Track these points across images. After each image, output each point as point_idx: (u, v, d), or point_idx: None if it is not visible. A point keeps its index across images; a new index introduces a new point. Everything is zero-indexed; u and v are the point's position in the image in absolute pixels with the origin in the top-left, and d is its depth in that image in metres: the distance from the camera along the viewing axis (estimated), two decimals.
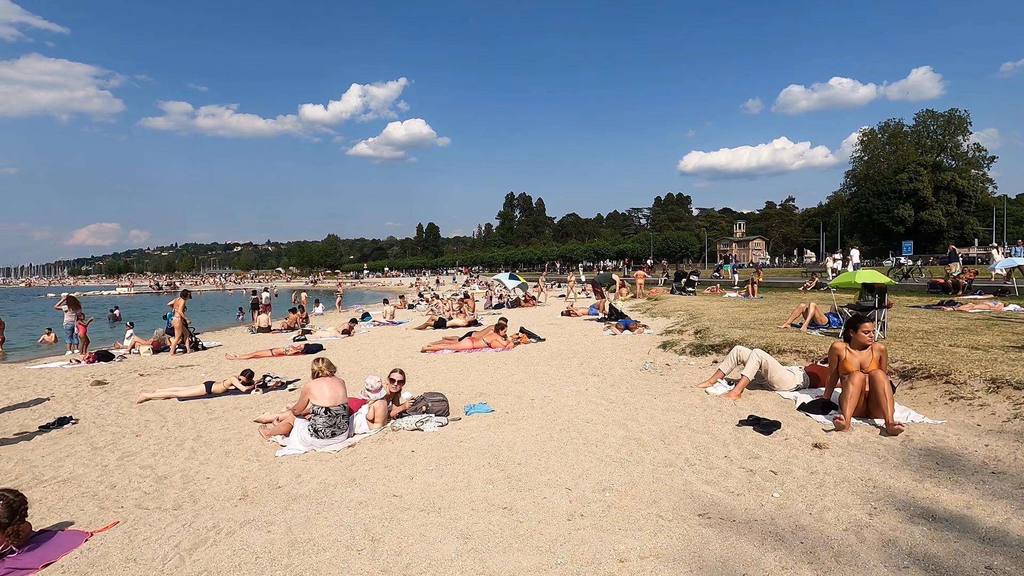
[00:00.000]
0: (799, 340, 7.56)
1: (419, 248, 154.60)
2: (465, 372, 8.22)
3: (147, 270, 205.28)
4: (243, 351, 13.29)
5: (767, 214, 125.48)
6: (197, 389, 8.24)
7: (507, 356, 9.54)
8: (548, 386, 6.72)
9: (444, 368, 8.75)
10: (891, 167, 78.37)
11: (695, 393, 5.78)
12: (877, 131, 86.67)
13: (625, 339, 10.74)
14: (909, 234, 74.30)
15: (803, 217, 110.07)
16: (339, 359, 10.90)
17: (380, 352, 11.40)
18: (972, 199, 73.90)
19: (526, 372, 7.83)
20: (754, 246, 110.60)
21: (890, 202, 73.62)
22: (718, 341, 8.27)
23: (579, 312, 17.14)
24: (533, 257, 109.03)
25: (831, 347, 4.85)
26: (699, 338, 9.02)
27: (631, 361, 8.20)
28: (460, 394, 6.67)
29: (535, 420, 5.14)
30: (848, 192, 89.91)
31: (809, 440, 4.05)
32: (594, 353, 9.19)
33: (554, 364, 8.36)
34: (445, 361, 9.51)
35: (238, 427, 5.94)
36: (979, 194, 75.73)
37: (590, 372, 7.47)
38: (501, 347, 10.34)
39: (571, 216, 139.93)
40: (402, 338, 14.11)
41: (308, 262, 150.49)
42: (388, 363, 9.86)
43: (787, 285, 27.89)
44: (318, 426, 4.75)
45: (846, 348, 4.74)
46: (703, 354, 8.09)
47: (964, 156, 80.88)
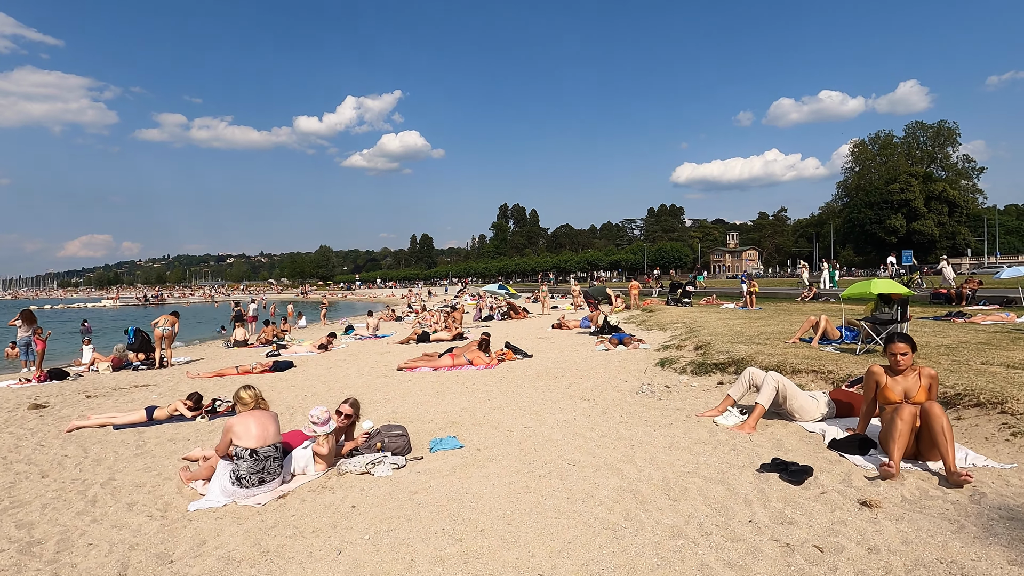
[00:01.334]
0: (814, 358, 6.72)
1: (413, 259, 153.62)
2: (440, 395, 7.31)
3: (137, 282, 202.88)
4: (208, 368, 12.33)
5: (760, 224, 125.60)
6: (137, 415, 7.29)
7: (489, 375, 8.64)
8: (531, 414, 5.83)
9: (418, 389, 7.84)
10: (882, 178, 78.56)
11: (701, 424, 4.91)
12: (868, 142, 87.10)
13: (619, 355, 9.87)
14: (902, 244, 74.29)
15: (795, 227, 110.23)
16: (307, 378, 9.98)
17: (353, 370, 10.47)
18: (963, 209, 74.12)
19: (507, 395, 6.94)
20: (747, 256, 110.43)
21: (882, 212, 73.70)
22: (722, 359, 7.42)
23: (571, 325, 16.27)
24: (527, 268, 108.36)
25: (868, 371, 4.01)
26: (701, 355, 8.16)
27: (626, 382, 7.32)
28: (429, 423, 5.77)
29: (511, 460, 4.25)
30: (840, 203, 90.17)
31: (852, 493, 3.19)
32: (585, 372, 8.31)
33: (540, 385, 7.47)
34: (421, 381, 8.60)
35: (162, 466, 5.01)
36: (970, 204, 75.99)
37: (580, 396, 6.59)
38: (483, 364, 9.44)
39: (565, 227, 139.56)
40: (381, 353, 13.18)
41: (300, 274, 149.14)
42: (359, 383, 8.94)
43: (784, 296, 27.18)
44: (241, 472, 3.84)
45: (886, 373, 3.90)
46: (706, 373, 7.22)
47: (954, 167, 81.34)
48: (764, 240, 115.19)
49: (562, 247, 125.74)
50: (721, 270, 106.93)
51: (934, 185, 73.03)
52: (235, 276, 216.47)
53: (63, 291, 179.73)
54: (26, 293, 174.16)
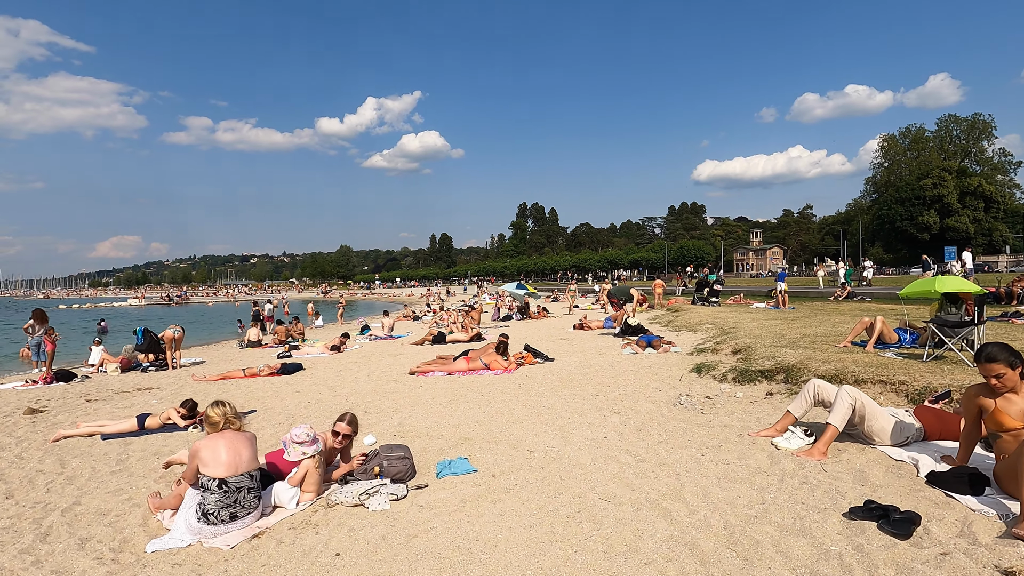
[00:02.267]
0: (878, 366, 5.86)
1: (432, 259, 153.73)
2: (453, 404, 6.63)
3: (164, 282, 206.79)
4: (214, 371, 11.87)
5: (784, 222, 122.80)
6: (127, 424, 6.75)
7: (507, 381, 7.93)
8: (554, 429, 5.11)
9: (429, 397, 7.17)
10: (913, 173, 76.01)
11: (758, 447, 4.13)
12: (898, 137, 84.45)
13: (648, 359, 9.08)
14: (934, 241, 71.71)
15: (821, 225, 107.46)
16: (314, 382, 9.39)
17: (363, 374, 9.86)
18: (1000, 205, 71.25)
19: (527, 405, 6.22)
20: (772, 255, 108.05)
21: (914, 209, 71.18)
22: (768, 365, 6.59)
23: (593, 325, 15.48)
24: (546, 267, 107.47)
25: (968, 392, 3.22)
26: (742, 360, 7.34)
27: (659, 391, 6.55)
28: (438, 439, 5.09)
29: (532, 491, 3.54)
30: (868, 199, 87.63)
31: (984, 556, 2.41)
32: (612, 378, 7.55)
33: (563, 394, 6.74)
34: (433, 387, 7.93)
35: (136, 487, 4.42)
36: (1007, 200, 73.07)
37: (609, 407, 5.84)
38: (501, 369, 8.73)
39: (584, 226, 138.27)
40: (394, 355, 12.57)
41: (321, 273, 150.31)
42: (368, 388, 8.31)
43: (816, 295, 26.01)
44: (208, 506, 3.20)
45: (991, 392, 3.11)
46: (751, 382, 6.41)
47: (989, 161, 78.54)
48: (789, 238, 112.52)
49: (582, 246, 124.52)
50: (745, 268, 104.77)
51: (969, 180, 70.30)
52: (258, 276, 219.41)
53: (93, 291, 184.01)
54: (58, 293, 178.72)
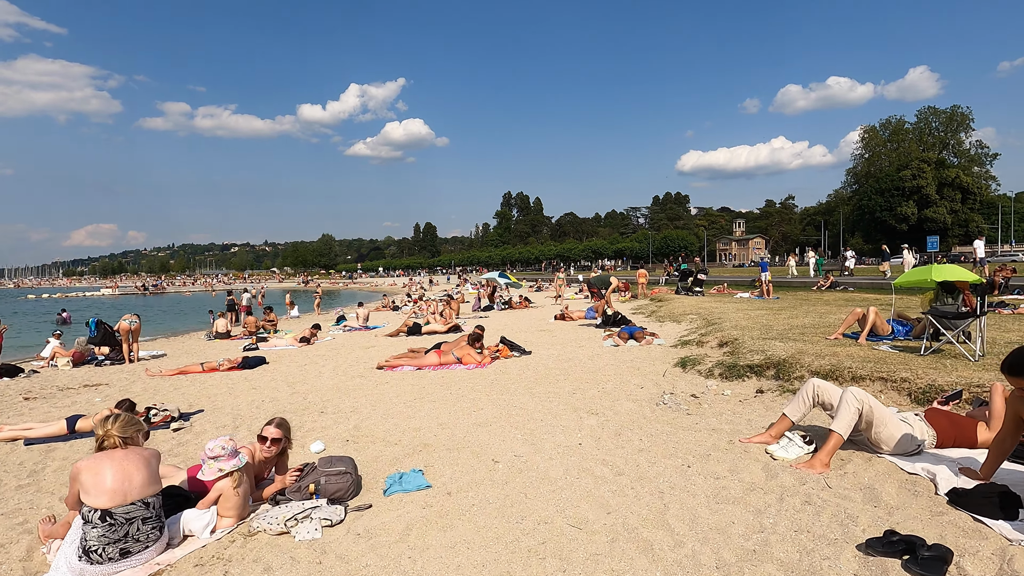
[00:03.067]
0: (876, 361, 5.43)
1: (416, 248, 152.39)
2: (417, 402, 6.07)
3: (142, 271, 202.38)
4: (172, 365, 11.18)
5: (767, 212, 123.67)
6: (56, 427, 6.09)
7: (479, 377, 7.39)
8: (524, 433, 4.58)
9: (393, 394, 6.61)
10: (893, 164, 76.75)
11: (750, 455, 3.65)
12: (878, 128, 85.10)
13: (630, 352, 8.60)
14: (913, 231, 72.68)
15: (803, 215, 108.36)
16: (273, 377, 8.75)
17: (328, 368, 9.25)
18: (977, 196, 72.28)
19: (498, 405, 5.69)
20: (754, 244, 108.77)
21: (893, 199, 71.93)
22: (758, 360, 6.14)
23: (574, 316, 14.99)
24: (530, 256, 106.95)
25: (1005, 397, 2.76)
26: (729, 354, 6.88)
27: (641, 388, 6.05)
28: (394, 445, 4.54)
29: (490, 515, 3.01)
30: (849, 190, 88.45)
31: None
32: (591, 373, 7.05)
33: (537, 392, 6.21)
34: (400, 383, 7.36)
35: (40, 505, 3.81)
36: (983, 191, 74.13)
37: (586, 407, 5.33)
38: (474, 364, 8.18)
39: (569, 215, 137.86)
40: (365, 348, 11.96)
41: (303, 262, 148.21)
42: (329, 384, 7.71)
43: (799, 284, 25.85)
44: (91, 543, 2.61)
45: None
46: (739, 378, 5.95)
47: (966, 153, 79.53)
48: (771, 228, 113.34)
49: (566, 235, 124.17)
50: (728, 258, 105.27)
51: (947, 171, 71.17)
52: (238, 265, 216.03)
53: (67, 280, 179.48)
54: (30, 282, 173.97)
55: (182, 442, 5.29)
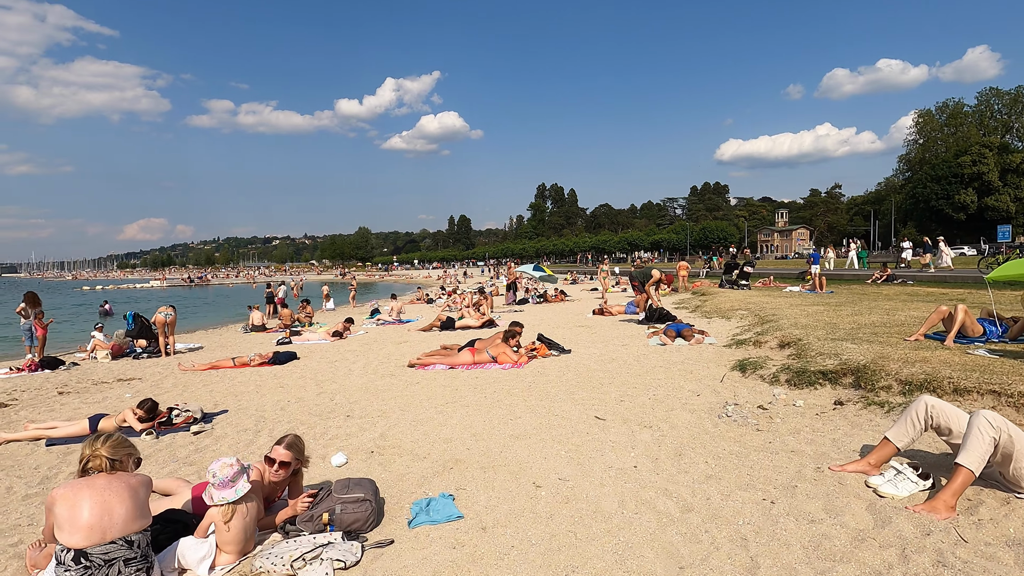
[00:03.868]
0: (982, 370, 4.62)
1: (451, 240, 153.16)
2: (449, 408, 5.59)
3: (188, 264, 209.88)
4: (206, 358, 11.08)
5: (811, 202, 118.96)
6: (79, 427, 5.87)
7: (515, 378, 6.87)
8: (568, 449, 4.04)
9: (424, 397, 6.15)
10: (951, 150, 72.49)
11: (847, 488, 3.01)
12: (934, 112, 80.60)
13: (680, 352, 7.93)
14: (971, 221, 68.61)
15: (850, 205, 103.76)
16: (303, 374, 8.42)
17: (359, 365, 8.89)
18: None
19: (537, 412, 5.15)
20: (798, 236, 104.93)
21: (950, 187, 67.89)
22: (832, 365, 5.41)
23: (614, 310, 14.32)
24: (564, 248, 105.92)
25: None
26: (795, 357, 6.16)
27: (698, 395, 5.42)
28: (423, 459, 4.06)
29: (533, 565, 2.46)
30: (901, 178, 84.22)
31: None
32: (639, 376, 6.43)
33: (581, 397, 5.65)
34: (432, 383, 6.91)
35: (40, 520, 3.49)
36: None
37: (637, 418, 4.74)
38: (510, 363, 7.66)
39: (604, 207, 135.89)
40: (397, 343, 11.61)
41: (340, 255, 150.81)
42: (358, 384, 7.32)
43: (851, 277, 24.41)
44: None
45: None
46: (810, 385, 5.25)
47: None
48: (816, 219, 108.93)
49: (601, 227, 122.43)
50: (769, 250, 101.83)
51: (1011, 157, 66.70)
52: (279, 258, 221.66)
53: (121, 272, 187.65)
54: (87, 274, 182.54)
55: (200, 447, 4.95)
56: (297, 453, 3.07)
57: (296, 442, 3.10)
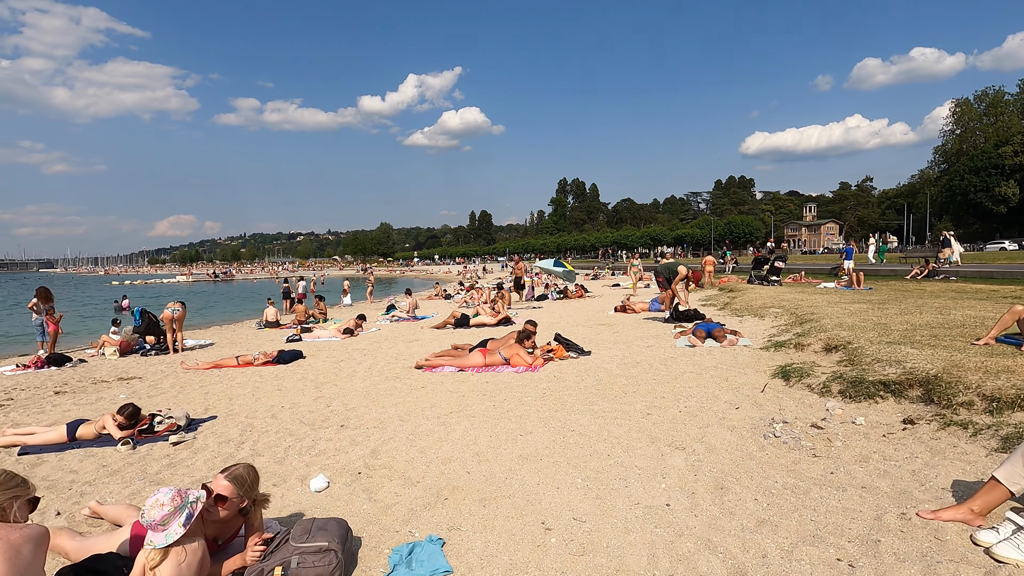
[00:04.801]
0: None
1: (472, 236, 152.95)
2: (453, 418, 4.99)
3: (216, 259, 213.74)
4: (215, 356, 10.73)
5: (841, 195, 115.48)
6: (56, 434, 5.43)
7: (529, 384, 6.24)
8: (586, 477, 3.40)
9: (427, 405, 5.56)
10: (990, 140, 69.39)
11: (948, 546, 2.33)
12: (972, 101, 77.28)
13: (711, 355, 7.20)
14: (1012, 214, 65.64)
15: (881, 198, 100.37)
16: (304, 375, 7.84)
17: (364, 366, 8.36)
18: None
19: (550, 427, 4.52)
20: (827, 230, 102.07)
21: (990, 179, 64.97)
22: (894, 374, 4.66)
23: (637, 308, 13.57)
24: (586, 244, 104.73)
25: None
26: (846, 363, 5.40)
27: (736, 408, 4.72)
28: (415, 485, 3.46)
29: None
30: (937, 170, 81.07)
31: None
32: (667, 384, 5.74)
33: (601, 408, 5.00)
34: (438, 388, 6.32)
35: None
36: None
37: (667, 437, 4.07)
38: (524, 366, 7.03)
39: (626, 201, 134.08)
40: (409, 341, 11.07)
41: (362, 250, 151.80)
42: (360, 388, 6.77)
43: (888, 273, 23.19)
44: None
45: None
46: (869, 398, 4.51)
47: None
48: (846, 212, 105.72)
49: (623, 222, 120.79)
50: (797, 245, 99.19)
51: None
52: (302, 253, 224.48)
53: (151, 268, 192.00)
54: (119, 270, 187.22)
55: (174, 462, 4.43)
56: (243, 489, 2.48)
57: (245, 475, 2.51)
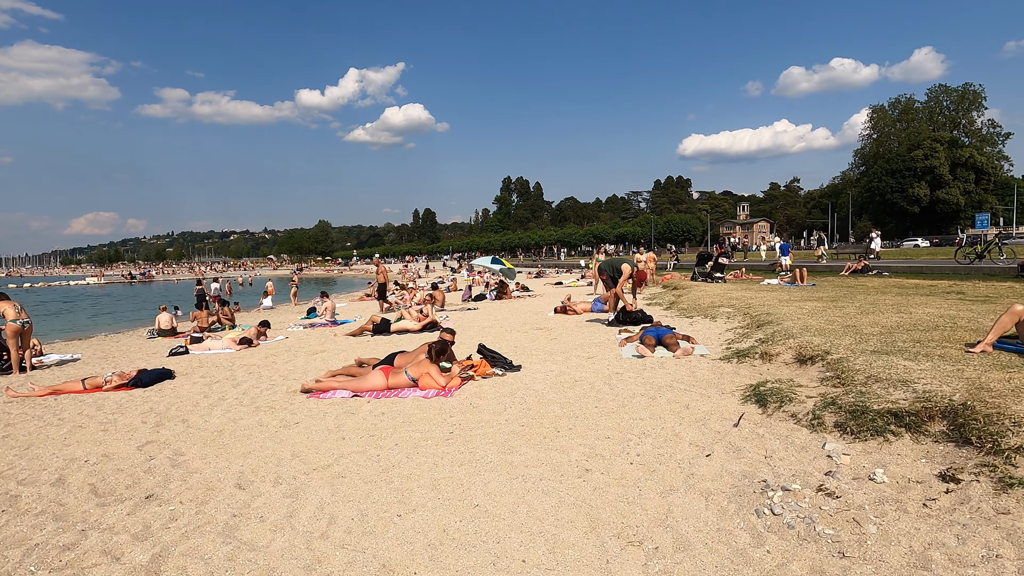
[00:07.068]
0: None
1: (416, 235, 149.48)
2: (311, 482, 3.45)
3: (139, 259, 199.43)
4: (72, 374, 8.78)
5: (771, 195, 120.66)
6: None
7: (436, 415, 4.78)
8: None
9: (288, 455, 4.00)
10: (903, 145, 73.90)
11: None
12: (887, 108, 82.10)
13: (664, 368, 5.98)
14: (924, 214, 69.97)
15: (808, 198, 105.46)
16: (152, 407, 5.75)
17: (239, 391, 6.61)
18: (991, 176, 69.48)
19: (443, 498, 3.07)
20: (759, 228, 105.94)
21: (904, 180, 69.06)
22: (904, 400, 3.53)
23: (578, 309, 12.35)
24: (530, 242, 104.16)
25: None
26: (836, 381, 4.26)
27: (708, 456, 3.43)
28: None
29: None
30: (857, 172, 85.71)
31: None
32: (612, 415, 4.43)
33: (523, 459, 3.60)
34: (312, 426, 4.76)
35: None
36: (997, 171, 71.32)
37: (613, 520, 2.69)
38: (436, 389, 5.57)
39: (569, 200, 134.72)
40: (313, 352, 9.37)
41: (299, 249, 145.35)
42: (211, 427, 5.08)
43: (823, 269, 23.21)
44: None
45: None
46: (878, 434, 3.35)
47: (978, 133, 77.05)
48: (776, 212, 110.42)
49: (567, 220, 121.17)
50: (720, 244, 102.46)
51: (960, 151, 68.24)
52: (235, 252, 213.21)
53: (64, 269, 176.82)
54: (27, 271, 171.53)
55: None
56: None
57: None
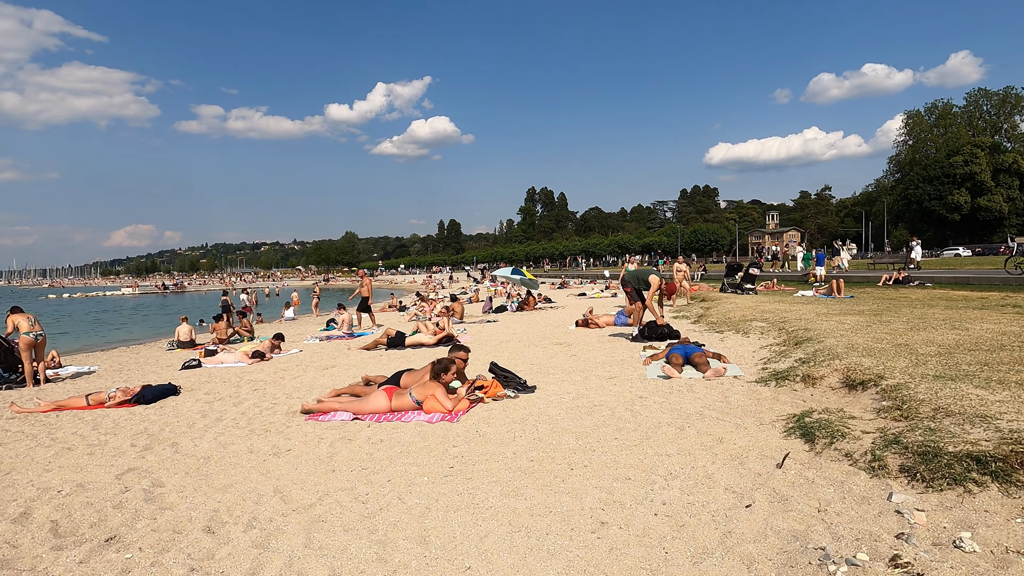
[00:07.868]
0: None
1: (440, 245, 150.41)
2: (287, 527, 3.02)
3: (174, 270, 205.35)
4: (86, 387, 8.65)
5: (802, 204, 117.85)
6: None
7: (438, 444, 4.33)
8: None
9: (270, 491, 3.58)
10: (941, 151, 71.27)
11: None
12: (923, 113, 79.57)
13: (693, 392, 5.43)
14: (965, 222, 67.16)
15: (840, 207, 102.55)
16: (145, 428, 5.23)
17: (236, 411, 6.27)
18: None
19: (431, 557, 2.64)
20: (789, 237, 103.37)
21: (943, 187, 66.41)
22: (988, 442, 2.94)
23: (600, 322, 11.81)
24: (555, 252, 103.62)
25: None
26: (896, 414, 3.68)
27: (748, 508, 2.92)
28: None
29: None
30: (892, 179, 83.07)
31: None
32: (635, 450, 3.90)
33: (529, 504, 3.11)
34: (304, 454, 4.35)
35: None
36: None
37: None
38: (441, 414, 5.12)
39: (594, 210, 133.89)
40: (324, 367, 9.04)
41: (326, 260, 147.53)
42: (204, 450, 4.72)
43: (860, 279, 22.15)
44: None
45: None
46: (957, 483, 2.78)
47: (1021, 138, 73.61)
48: (807, 220, 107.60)
49: (591, 231, 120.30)
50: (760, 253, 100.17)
51: (1003, 157, 65.34)
52: (265, 263, 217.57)
53: (103, 279, 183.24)
54: (68, 282, 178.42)
55: None
56: None
57: None
